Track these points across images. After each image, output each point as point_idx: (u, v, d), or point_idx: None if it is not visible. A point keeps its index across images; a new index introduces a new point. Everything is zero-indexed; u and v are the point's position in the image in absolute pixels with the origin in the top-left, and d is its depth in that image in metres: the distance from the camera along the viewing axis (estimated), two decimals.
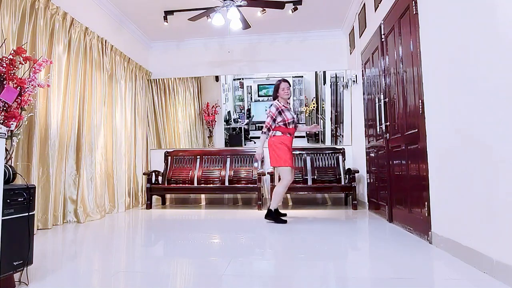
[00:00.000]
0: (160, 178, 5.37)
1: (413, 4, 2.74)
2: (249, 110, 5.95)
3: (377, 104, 3.70)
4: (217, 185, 5.24)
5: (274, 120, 3.66)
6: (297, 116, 4.51)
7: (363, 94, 4.48)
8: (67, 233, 3.19)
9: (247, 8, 4.34)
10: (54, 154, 3.47)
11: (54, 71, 3.52)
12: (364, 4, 4.32)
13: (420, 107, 2.64)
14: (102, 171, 4.37)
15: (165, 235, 3.12)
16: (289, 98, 3.86)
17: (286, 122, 3.65)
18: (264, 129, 3.71)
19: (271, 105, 3.77)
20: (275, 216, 3.61)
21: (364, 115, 4.47)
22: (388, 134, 3.45)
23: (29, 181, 3.12)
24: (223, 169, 5.43)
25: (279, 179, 3.74)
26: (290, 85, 3.83)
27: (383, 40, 3.56)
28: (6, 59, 1.81)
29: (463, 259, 2.03)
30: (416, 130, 2.75)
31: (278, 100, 3.75)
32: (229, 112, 5.93)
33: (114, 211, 4.55)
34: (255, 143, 5.79)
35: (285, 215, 3.79)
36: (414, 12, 2.73)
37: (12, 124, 1.79)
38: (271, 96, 6.14)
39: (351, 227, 3.51)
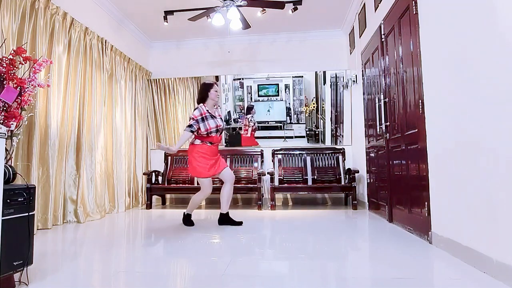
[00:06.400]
0: (160, 178, 5.37)
1: (413, 4, 2.74)
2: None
3: (377, 104, 3.70)
4: (217, 185, 5.22)
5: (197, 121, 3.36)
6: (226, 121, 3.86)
7: (363, 94, 4.48)
8: (67, 233, 3.19)
9: (247, 8, 4.33)
10: (54, 154, 3.47)
11: (54, 71, 3.52)
12: (364, 4, 4.32)
13: (420, 107, 2.64)
14: (102, 171, 4.37)
15: (165, 235, 3.11)
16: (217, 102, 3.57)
17: (209, 130, 3.37)
18: (187, 128, 3.36)
19: (196, 108, 3.46)
20: (185, 219, 3.56)
21: (364, 115, 4.47)
22: (388, 134, 3.45)
23: (29, 181, 3.12)
24: None
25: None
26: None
27: (383, 40, 3.56)
28: (6, 59, 1.81)
29: (463, 259, 2.03)
30: (416, 130, 2.75)
31: (204, 104, 3.44)
32: (229, 112, 5.93)
33: (114, 211, 4.55)
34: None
35: (192, 224, 3.56)
36: (414, 12, 2.73)
37: (12, 124, 1.79)
38: (271, 96, 6.21)
39: (351, 227, 3.51)
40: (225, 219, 3.49)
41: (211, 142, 3.44)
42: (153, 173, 5.20)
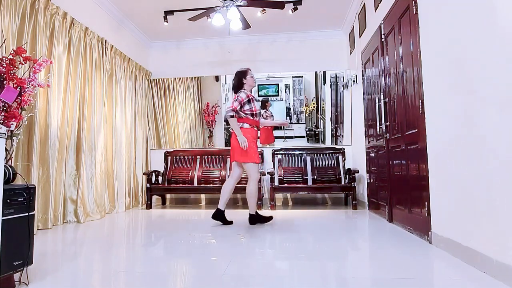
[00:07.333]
0: (160, 178, 5.37)
1: (413, 4, 2.74)
2: None
3: (377, 104, 3.70)
4: (217, 185, 5.23)
5: (241, 107, 3.37)
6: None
7: (363, 94, 4.48)
8: (67, 233, 3.19)
9: (247, 8, 4.34)
10: (54, 154, 3.47)
11: (54, 71, 3.52)
12: (364, 4, 4.32)
13: (420, 107, 2.64)
14: (102, 171, 4.37)
15: (165, 235, 3.11)
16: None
17: (254, 112, 3.40)
18: (231, 113, 3.31)
19: (240, 92, 3.45)
20: (260, 218, 3.46)
21: (364, 115, 4.47)
22: (388, 134, 3.45)
23: (29, 181, 3.12)
24: (223, 169, 5.43)
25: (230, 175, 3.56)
26: None
27: (383, 40, 3.56)
28: (6, 59, 1.81)
29: (463, 259, 2.03)
30: (416, 130, 2.75)
31: (244, 89, 3.48)
32: None
33: (114, 211, 4.55)
34: None
35: (270, 217, 3.51)
36: (414, 12, 2.73)
37: (12, 124, 1.79)
38: (271, 96, 6.20)
39: (351, 227, 3.51)
40: (219, 215, 3.48)
41: (256, 126, 3.49)
42: (153, 173, 5.20)
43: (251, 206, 3.47)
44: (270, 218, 3.50)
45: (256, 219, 3.47)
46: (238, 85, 3.54)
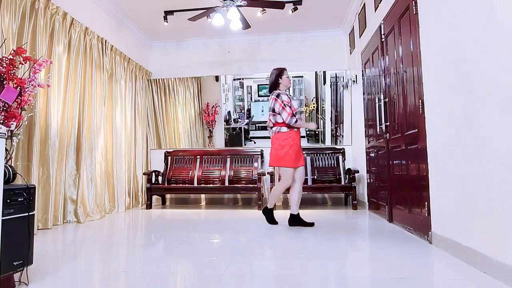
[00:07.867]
0: (160, 178, 5.37)
1: (413, 4, 2.74)
2: (249, 110, 5.94)
3: (377, 104, 3.70)
4: (217, 185, 5.24)
5: (273, 110, 3.34)
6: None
7: (363, 94, 4.48)
8: (67, 233, 3.19)
9: (247, 8, 4.34)
10: (54, 154, 3.47)
11: (54, 71, 3.52)
12: (364, 4, 4.32)
13: (420, 107, 2.64)
14: (102, 171, 4.37)
15: (165, 235, 3.11)
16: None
17: (293, 112, 3.31)
18: (293, 118, 3.26)
19: (278, 94, 3.35)
20: (269, 215, 3.49)
21: (364, 115, 4.47)
22: (388, 134, 3.45)
23: (29, 181, 3.12)
24: (223, 169, 5.43)
25: (279, 179, 3.50)
26: None
27: (383, 40, 3.56)
28: (6, 59, 1.81)
29: (463, 259, 2.03)
30: (416, 130, 2.75)
31: (280, 89, 3.43)
32: (229, 112, 5.93)
33: (114, 211, 4.55)
34: (255, 143, 5.79)
35: (276, 222, 3.48)
36: (414, 12, 2.73)
37: (12, 124, 1.79)
38: None
39: (351, 227, 3.51)
40: (296, 220, 3.39)
41: (296, 128, 3.39)
42: (153, 173, 5.20)
43: (269, 202, 3.52)
44: (276, 223, 3.47)
45: (266, 213, 3.50)
46: (273, 84, 3.50)
